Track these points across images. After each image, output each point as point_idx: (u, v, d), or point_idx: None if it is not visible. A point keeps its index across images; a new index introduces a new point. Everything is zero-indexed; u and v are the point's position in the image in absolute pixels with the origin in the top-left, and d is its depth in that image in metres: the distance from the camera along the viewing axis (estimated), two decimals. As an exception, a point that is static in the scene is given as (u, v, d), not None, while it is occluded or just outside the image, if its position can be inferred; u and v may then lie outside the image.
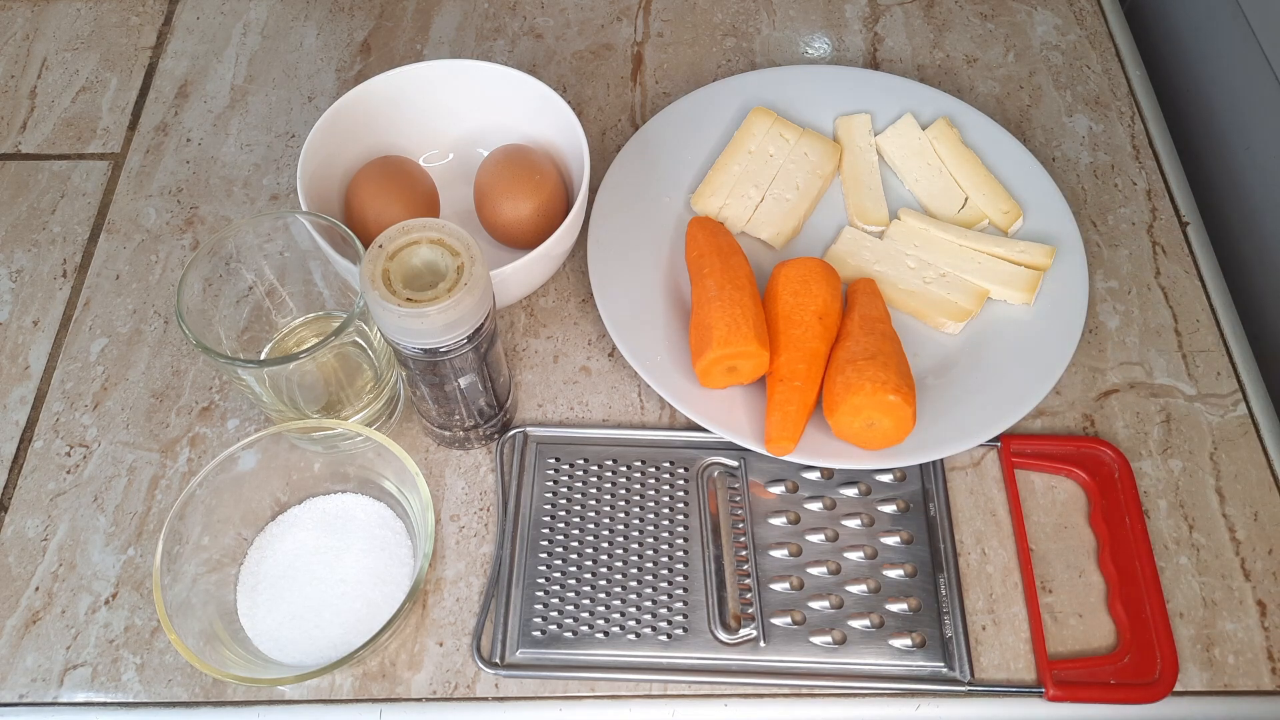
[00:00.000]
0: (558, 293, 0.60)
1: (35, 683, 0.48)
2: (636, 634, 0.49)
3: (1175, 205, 0.64)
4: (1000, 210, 0.60)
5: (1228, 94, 0.68)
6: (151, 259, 0.62)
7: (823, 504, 0.52)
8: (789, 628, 0.49)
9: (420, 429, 0.55)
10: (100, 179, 0.65)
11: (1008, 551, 0.51)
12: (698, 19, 0.74)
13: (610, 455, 0.54)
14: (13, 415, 0.56)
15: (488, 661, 0.48)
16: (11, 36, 0.72)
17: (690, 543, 0.51)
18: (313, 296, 0.55)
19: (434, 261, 0.43)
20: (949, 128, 0.63)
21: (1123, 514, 0.52)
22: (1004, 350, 0.56)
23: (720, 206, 0.61)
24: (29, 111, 0.68)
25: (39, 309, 0.60)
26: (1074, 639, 0.49)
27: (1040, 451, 0.54)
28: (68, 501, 0.53)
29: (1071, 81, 0.70)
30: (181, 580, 0.45)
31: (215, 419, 0.56)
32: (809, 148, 0.62)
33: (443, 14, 0.74)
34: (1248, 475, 0.54)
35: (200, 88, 0.70)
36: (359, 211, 0.57)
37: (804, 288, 0.54)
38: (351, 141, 0.59)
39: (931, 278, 0.58)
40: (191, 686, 0.48)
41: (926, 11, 0.74)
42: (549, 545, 0.51)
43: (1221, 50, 0.69)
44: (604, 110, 0.69)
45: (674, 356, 0.55)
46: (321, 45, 0.72)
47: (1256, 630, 0.50)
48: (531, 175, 0.57)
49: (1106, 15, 0.73)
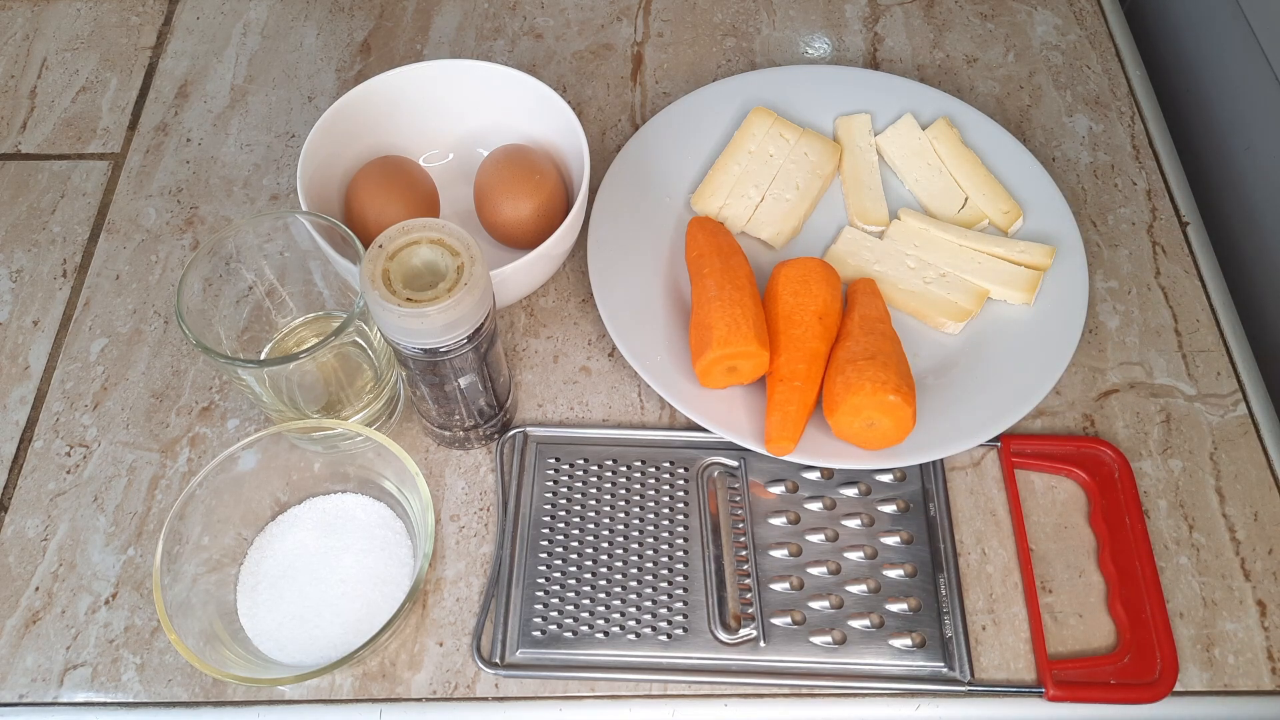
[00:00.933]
0: (558, 293, 0.60)
1: (35, 683, 0.48)
2: (636, 634, 0.49)
3: (1175, 205, 0.64)
4: (1000, 210, 0.60)
5: (1228, 94, 0.68)
6: (151, 259, 0.62)
7: (823, 504, 0.52)
8: (789, 628, 0.49)
9: (420, 429, 0.55)
10: (100, 179, 0.65)
11: (1008, 551, 0.51)
12: (698, 19, 0.74)
13: (610, 455, 0.54)
14: (13, 415, 0.56)
15: (488, 661, 0.48)
16: (11, 36, 0.72)
17: (690, 543, 0.51)
18: (313, 296, 0.55)
19: (434, 261, 0.43)
20: (949, 128, 0.63)
21: (1123, 514, 0.52)
22: (1004, 350, 0.56)
23: (720, 206, 0.61)
24: (29, 111, 0.68)
25: (39, 309, 0.60)
26: (1074, 639, 0.49)
27: (1040, 451, 0.54)
28: (68, 501, 0.53)
29: (1071, 81, 0.70)
30: (181, 580, 0.45)
31: (215, 419, 0.56)
32: (809, 148, 0.62)
33: (443, 14, 0.74)
34: (1248, 475, 0.54)
35: (200, 88, 0.70)
36: (359, 211, 0.57)
37: (804, 288, 0.54)
38: (351, 141, 0.59)
39: (931, 278, 0.58)
40: (191, 686, 0.48)
41: (926, 11, 0.74)
42: (549, 545, 0.51)
43: (1221, 50, 0.69)
44: (604, 110, 0.69)
45: (674, 356, 0.55)
46: (321, 45, 0.72)
47: (1256, 630, 0.50)
48: (531, 175, 0.57)
49: (1106, 15, 0.73)
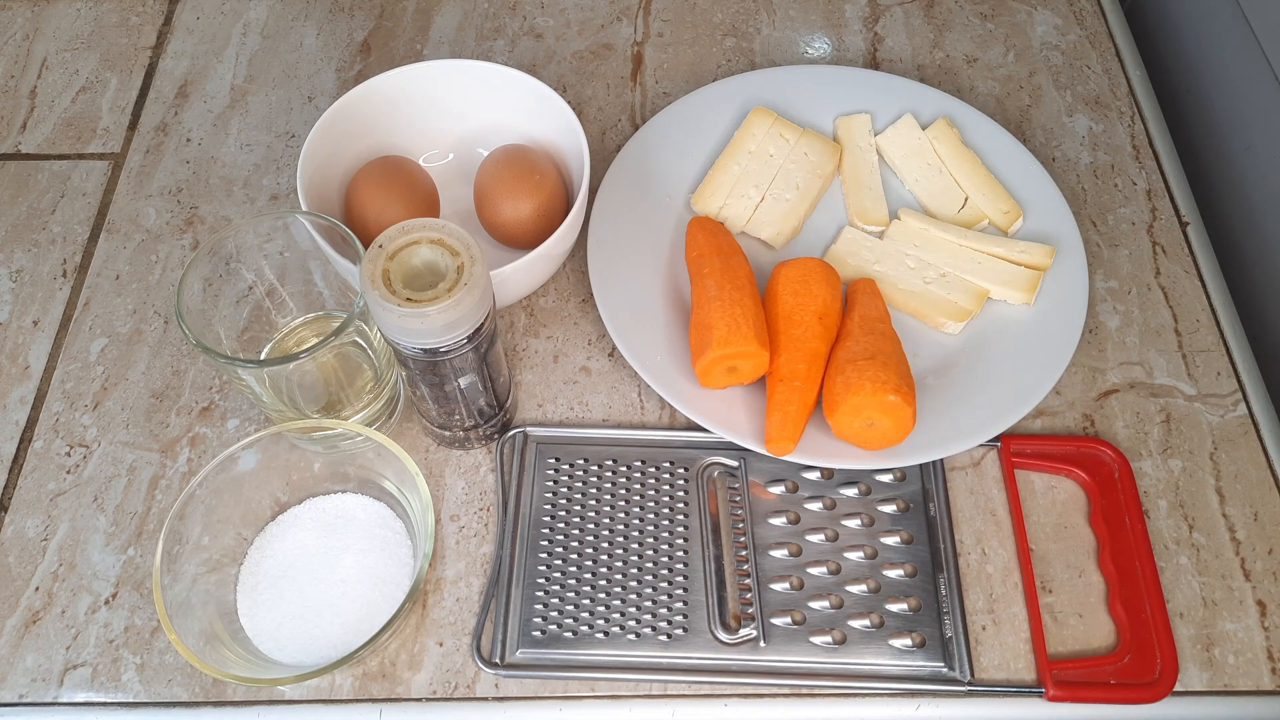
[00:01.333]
0: (558, 293, 0.60)
1: (35, 683, 0.48)
2: (636, 634, 0.49)
3: (1175, 205, 0.64)
4: (1000, 210, 0.60)
5: (1228, 94, 0.68)
6: (151, 259, 0.62)
7: (823, 504, 0.52)
8: (789, 628, 0.49)
9: (420, 429, 0.55)
10: (100, 179, 0.65)
11: (1008, 551, 0.51)
12: (698, 19, 0.74)
13: (610, 455, 0.54)
14: (13, 415, 0.56)
15: (488, 661, 0.48)
16: (11, 36, 0.72)
17: (690, 543, 0.51)
18: (313, 296, 0.55)
19: (434, 261, 0.43)
20: (949, 128, 0.63)
21: (1123, 514, 0.52)
22: (1004, 350, 0.56)
23: (720, 206, 0.61)
24: (29, 111, 0.68)
25: (39, 309, 0.60)
26: (1074, 639, 0.49)
27: (1040, 451, 0.54)
28: (68, 501, 0.53)
29: (1071, 81, 0.70)
30: (181, 580, 0.45)
31: (215, 419, 0.56)
32: (809, 148, 0.62)
33: (443, 14, 0.74)
34: (1248, 475, 0.54)
35: (200, 88, 0.70)
36: (359, 211, 0.57)
37: (804, 288, 0.54)
38: (351, 141, 0.59)
39: (931, 278, 0.58)
40: (191, 686, 0.48)
41: (926, 11, 0.74)
42: (549, 545, 0.51)
43: (1221, 50, 0.69)
44: (604, 110, 0.69)
45: (674, 356, 0.55)
46: (321, 45, 0.72)
47: (1256, 630, 0.50)
48: (531, 175, 0.57)
49: (1106, 15, 0.73)
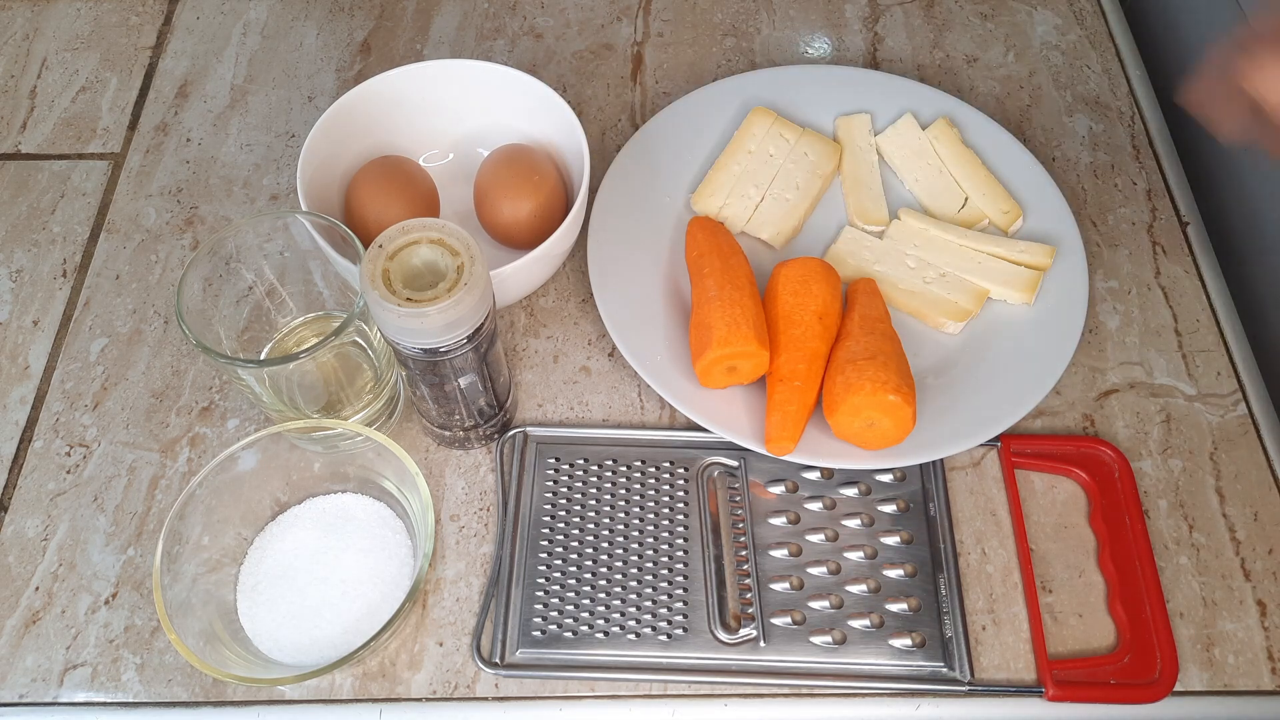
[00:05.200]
0: (558, 293, 0.60)
1: (35, 683, 0.48)
2: (636, 634, 0.49)
3: (1175, 205, 0.64)
4: (1000, 210, 0.60)
5: (1228, 94, 0.68)
6: (151, 259, 0.62)
7: (823, 504, 0.52)
8: (789, 628, 0.49)
9: (420, 429, 0.55)
10: (100, 179, 0.65)
11: (1008, 551, 0.51)
12: (698, 19, 0.74)
13: (610, 455, 0.54)
14: (13, 415, 0.56)
15: (488, 661, 0.48)
16: (11, 36, 0.72)
17: (690, 543, 0.51)
18: (313, 296, 0.55)
19: (434, 261, 0.43)
20: (949, 128, 0.63)
21: (1123, 514, 0.52)
22: (1004, 350, 0.56)
23: (720, 206, 0.61)
24: (29, 111, 0.68)
25: (39, 309, 0.60)
26: (1074, 639, 0.49)
27: (1040, 451, 0.54)
28: (68, 501, 0.53)
29: (1071, 81, 0.70)
30: (181, 580, 0.45)
31: (215, 419, 0.56)
32: (809, 148, 0.62)
33: (443, 14, 0.74)
34: (1248, 475, 0.54)
35: (200, 88, 0.70)
36: (359, 211, 0.57)
37: (804, 288, 0.54)
38: (351, 141, 0.59)
39: (931, 278, 0.58)
40: (191, 686, 0.48)
41: (926, 11, 0.74)
42: (549, 545, 0.51)
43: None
44: (604, 110, 0.69)
45: (674, 356, 0.55)
46: (321, 45, 0.72)
47: (1256, 630, 0.50)
48: (531, 175, 0.57)
49: (1106, 15, 0.73)
